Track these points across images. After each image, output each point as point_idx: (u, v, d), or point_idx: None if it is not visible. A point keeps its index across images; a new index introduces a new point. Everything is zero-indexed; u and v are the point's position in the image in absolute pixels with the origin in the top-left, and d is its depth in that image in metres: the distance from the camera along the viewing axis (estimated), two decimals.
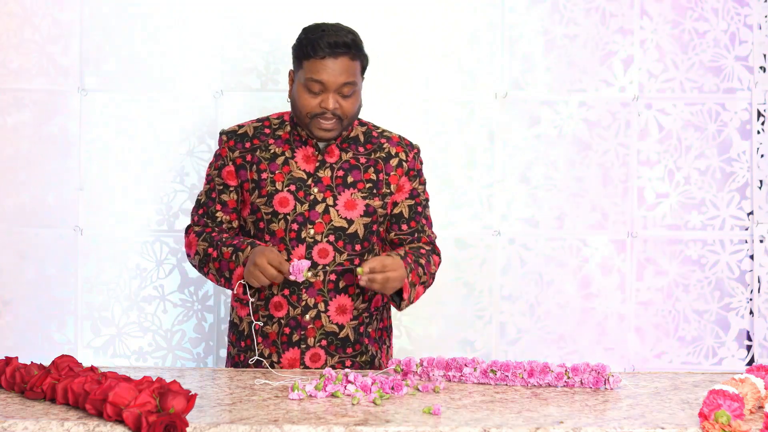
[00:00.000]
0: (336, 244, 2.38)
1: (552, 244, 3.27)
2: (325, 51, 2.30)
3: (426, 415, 1.82)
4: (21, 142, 3.21)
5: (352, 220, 2.39)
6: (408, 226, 2.47)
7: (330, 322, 2.39)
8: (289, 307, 2.38)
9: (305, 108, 2.34)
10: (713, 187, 3.27)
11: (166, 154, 3.23)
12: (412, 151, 2.49)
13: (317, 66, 2.31)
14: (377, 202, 2.42)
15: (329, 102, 2.32)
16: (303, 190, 2.39)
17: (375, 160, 2.44)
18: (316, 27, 2.37)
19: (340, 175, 2.40)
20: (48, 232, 3.22)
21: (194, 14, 3.21)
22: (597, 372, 2.08)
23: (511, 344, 3.26)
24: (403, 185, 2.46)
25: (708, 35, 3.26)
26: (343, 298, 2.40)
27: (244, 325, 2.45)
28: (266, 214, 2.39)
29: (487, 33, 3.24)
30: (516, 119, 3.25)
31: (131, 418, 1.68)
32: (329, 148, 2.42)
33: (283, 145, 2.43)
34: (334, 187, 2.39)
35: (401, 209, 2.46)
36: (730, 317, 3.27)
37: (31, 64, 3.20)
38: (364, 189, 2.41)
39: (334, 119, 2.34)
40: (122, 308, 3.23)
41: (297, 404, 1.89)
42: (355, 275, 2.30)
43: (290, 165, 2.40)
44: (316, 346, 2.39)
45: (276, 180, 2.39)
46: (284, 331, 2.39)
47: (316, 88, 2.32)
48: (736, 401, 1.76)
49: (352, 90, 2.34)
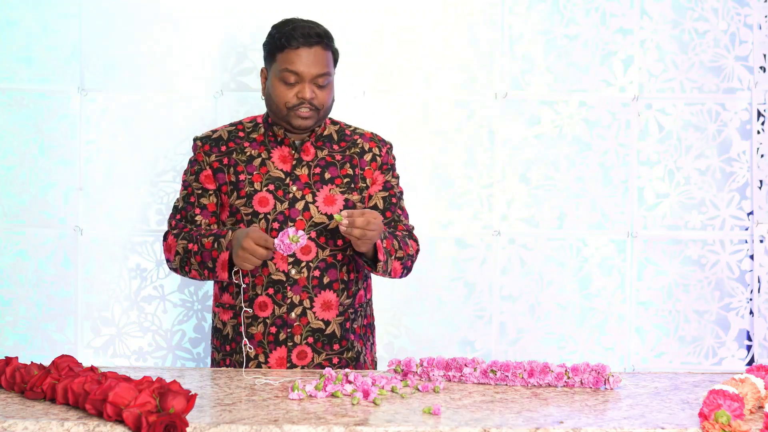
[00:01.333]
0: (318, 240, 2.39)
1: (552, 244, 3.27)
2: (299, 41, 2.34)
3: (426, 415, 1.82)
4: (21, 142, 3.21)
5: (332, 216, 2.40)
6: (383, 216, 2.47)
7: (316, 318, 2.39)
8: (275, 306, 2.38)
9: (282, 100, 2.36)
10: (713, 187, 3.27)
11: (166, 154, 3.23)
12: (385, 146, 2.51)
13: (292, 56, 2.34)
14: (355, 196, 2.43)
15: (306, 92, 2.34)
16: (282, 189, 2.39)
17: (350, 156, 2.46)
18: (287, 22, 2.41)
19: (317, 172, 2.42)
20: (48, 232, 3.22)
21: (194, 14, 3.21)
22: (597, 372, 2.08)
23: (511, 344, 3.26)
24: (377, 178, 2.48)
25: (708, 35, 3.26)
26: (328, 293, 2.40)
27: (228, 329, 2.45)
28: (246, 215, 2.39)
29: (487, 33, 3.24)
30: (516, 119, 3.25)
31: (131, 418, 1.68)
32: (304, 146, 2.43)
33: (258, 147, 2.44)
34: (313, 184, 2.41)
35: (375, 201, 2.48)
36: (730, 317, 3.27)
37: (31, 64, 3.20)
38: (342, 184, 2.43)
39: (311, 109, 2.36)
40: (122, 308, 3.23)
41: (297, 404, 1.89)
42: (333, 227, 2.30)
43: (267, 165, 2.42)
44: (302, 344, 2.39)
45: (254, 181, 2.40)
46: (270, 330, 2.39)
47: (291, 79, 2.35)
48: (736, 401, 1.76)
49: (327, 80, 2.37)
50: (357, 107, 3.16)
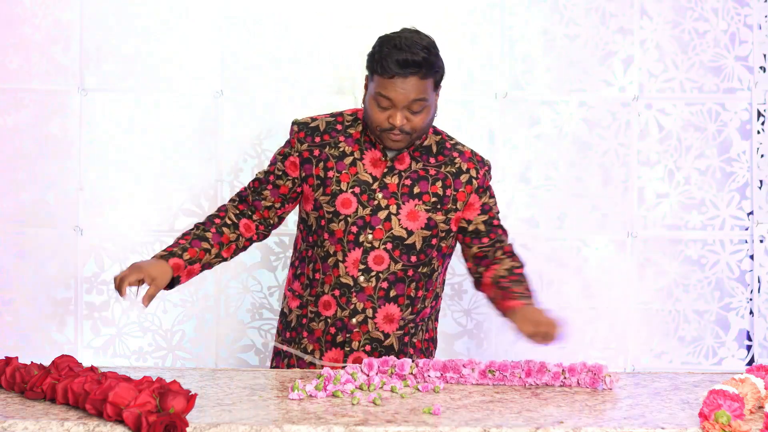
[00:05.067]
0: (393, 252, 2.35)
1: (552, 244, 3.27)
2: (393, 70, 2.22)
3: (426, 415, 1.82)
4: (21, 142, 3.21)
5: (412, 231, 2.35)
6: (488, 238, 2.43)
7: (376, 328, 2.37)
8: (338, 308, 2.36)
9: (374, 122, 2.29)
10: (713, 187, 3.27)
11: (166, 154, 3.23)
12: (483, 168, 2.44)
13: (385, 83, 2.24)
14: (440, 216, 2.37)
15: (397, 119, 2.26)
16: (367, 194, 2.35)
17: (444, 174, 2.39)
18: (390, 39, 2.27)
19: (408, 184, 2.36)
20: (48, 232, 3.22)
21: (194, 14, 3.21)
22: (593, 372, 2.08)
23: (511, 344, 3.25)
24: (473, 202, 2.42)
25: (708, 35, 3.26)
26: (392, 307, 2.37)
27: (293, 317, 2.43)
28: (327, 213, 2.35)
29: (487, 33, 3.24)
30: (516, 119, 3.25)
31: (131, 418, 1.68)
32: (401, 155, 2.37)
33: (353, 145, 2.37)
34: (399, 196, 2.35)
35: (476, 226, 2.43)
36: (730, 317, 3.27)
37: (31, 64, 3.20)
38: (428, 202, 2.37)
39: (402, 134, 2.29)
40: (122, 308, 3.23)
41: (297, 404, 1.89)
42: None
43: (357, 167, 2.36)
44: (360, 350, 2.37)
45: (341, 180, 2.35)
46: (330, 330, 2.38)
47: (384, 103, 2.26)
48: (736, 401, 1.76)
49: (422, 106, 2.27)
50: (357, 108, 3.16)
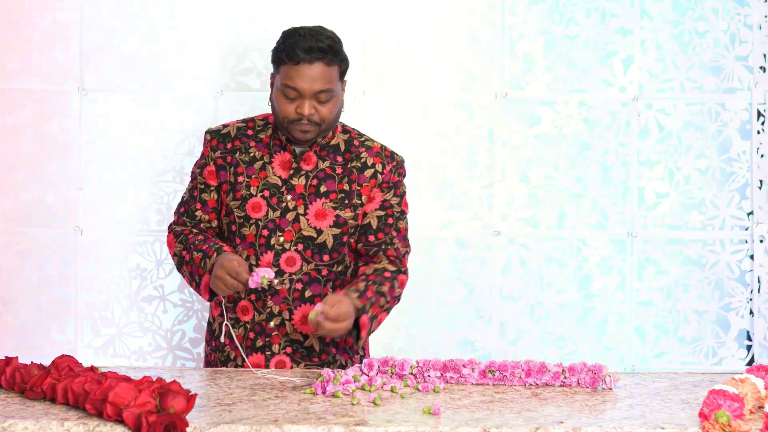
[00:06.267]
0: (304, 253, 2.36)
1: (552, 244, 3.26)
2: (299, 56, 2.27)
3: (426, 415, 1.82)
4: (21, 142, 3.21)
5: (321, 230, 2.37)
6: (375, 237, 2.41)
7: (294, 330, 2.38)
8: (255, 313, 2.38)
9: (282, 113, 2.32)
10: (713, 187, 3.27)
11: (166, 154, 3.23)
12: (391, 163, 2.43)
13: (292, 72, 2.28)
14: (348, 213, 2.38)
15: (305, 107, 2.29)
16: (276, 197, 2.37)
17: (350, 170, 2.40)
18: (294, 31, 2.33)
19: (314, 183, 2.38)
20: (48, 232, 3.21)
21: (194, 14, 3.21)
22: (593, 372, 2.08)
23: (511, 344, 3.26)
24: (375, 196, 2.41)
25: (708, 35, 3.26)
26: (308, 307, 2.36)
27: (216, 326, 2.46)
28: (238, 218, 2.38)
29: (487, 33, 3.24)
30: (516, 119, 3.25)
31: (131, 418, 1.69)
32: (306, 155, 2.39)
33: (262, 149, 2.41)
34: (307, 196, 2.37)
35: (370, 220, 2.41)
36: (730, 317, 3.27)
37: (31, 64, 3.20)
38: (336, 199, 2.38)
39: (311, 124, 2.32)
40: (122, 308, 3.23)
41: (297, 404, 1.89)
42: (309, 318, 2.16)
43: (267, 170, 2.39)
44: (281, 353, 2.38)
45: (251, 184, 2.38)
46: (249, 335, 2.39)
47: (291, 94, 2.30)
48: (736, 401, 1.76)
49: (329, 96, 2.31)
50: (357, 108, 3.16)
